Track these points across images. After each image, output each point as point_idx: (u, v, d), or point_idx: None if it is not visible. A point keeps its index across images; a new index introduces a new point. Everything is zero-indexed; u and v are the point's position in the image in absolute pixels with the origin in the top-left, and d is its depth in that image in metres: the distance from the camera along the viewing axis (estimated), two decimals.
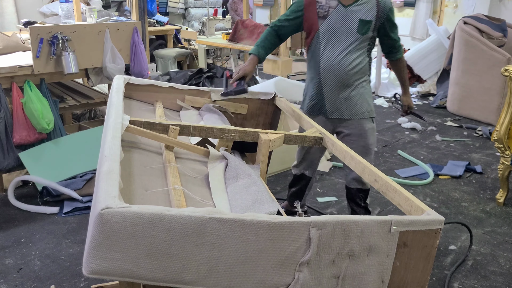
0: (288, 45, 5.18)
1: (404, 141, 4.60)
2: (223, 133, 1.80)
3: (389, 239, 1.21)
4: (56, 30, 3.18)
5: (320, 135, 1.86)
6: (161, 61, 6.40)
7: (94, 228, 1.01)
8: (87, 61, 3.42)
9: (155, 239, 1.03)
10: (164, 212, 1.04)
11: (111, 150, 1.30)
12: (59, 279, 2.34)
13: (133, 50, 3.64)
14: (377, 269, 1.23)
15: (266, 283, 1.14)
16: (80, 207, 3.03)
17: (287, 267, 1.15)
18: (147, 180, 1.51)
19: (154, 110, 2.13)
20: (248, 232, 1.10)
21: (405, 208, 1.34)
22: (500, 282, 2.42)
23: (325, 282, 1.20)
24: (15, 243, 2.65)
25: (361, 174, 1.57)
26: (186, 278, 1.08)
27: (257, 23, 5.95)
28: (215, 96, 2.25)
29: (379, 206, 3.22)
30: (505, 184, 3.26)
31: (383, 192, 1.45)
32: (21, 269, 2.43)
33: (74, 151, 3.26)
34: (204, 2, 8.08)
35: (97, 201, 1.04)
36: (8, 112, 3.03)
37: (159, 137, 1.70)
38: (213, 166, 1.75)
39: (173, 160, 1.65)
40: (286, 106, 2.21)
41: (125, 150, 1.59)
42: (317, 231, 1.15)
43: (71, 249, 2.61)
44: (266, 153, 1.80)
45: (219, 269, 1.09)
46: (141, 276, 1.05)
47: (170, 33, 6.87)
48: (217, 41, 6.21)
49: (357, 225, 1.18)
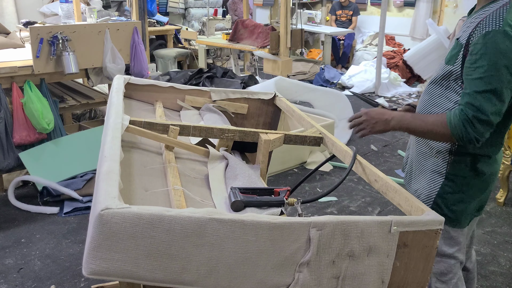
0: (288, 44, 5.18)
1: (404, 141, 4.60)
2: (223, 133, 1.79)
3: (389, 240, 1.21)
4: (56, 30, 3.18)
5: (320, 135, 1.86)
6: (161, 61, 6.40)
7: (94, 229, 1.01)
8: (87, 61, 3.42)
9: (155, 240, 1.03)
10: (164, 212, 1.04)
11: (111, 150, 1.30)
12: (59, 279, 2.34)
13: (133, 50, 3.64)
14: (377, 270, 1.23)
15: (266, 283, 1.14)
16: (80, 207, 3.03)
17: (287, 267, 1.15)
18: (147, 180, 1.51)
19: (154, 110, 2.13)
20: (248, 232, 1.10)
21: (405, 208, 1.34)
22: (500, 282, 2.42)
23: (325, 282, 1.20)
24: (15, 243, 2.65)
25: (361, 174, 1.57)
26: (186, 278, 1.08)
27: (257, 23, 5.95)
28: (215, 96, 2.25)
29: (379, 206, 3.22)
30: (505, 184, 3.26)
31: (383, 192, 1.45)
32: (21, 269, 2.43)
33: (74, 151, 3.27)
34: (204, 2, 8.08)
35: (97, 201, 1.04)
36: (8, 112, 3.03)
37: (159, 137, 1.69)
38: (213, 166, 1.75)
39: (173, 160, 1.65)
40: (286, 106, 2.21)
41: (125, 150, 1.59)
42: (317, 231, 1.14)
43: (71, 249, 2.61)
44: (266, 153, 1.80)
45: (219, 269, 1.09)
46: (141, 276, 1.04)
47: (170, 33, 6.87)
48: (217, 41, 6.21)
49: (357, 226, 1.18)
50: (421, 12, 7.94)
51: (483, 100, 1.34)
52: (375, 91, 6.48)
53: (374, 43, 8.09)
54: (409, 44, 8.04)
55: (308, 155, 4.03)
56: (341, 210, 3.16)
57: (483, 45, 1.33)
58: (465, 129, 1.37)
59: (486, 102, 1.34)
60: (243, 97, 2.28)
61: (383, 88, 6.48)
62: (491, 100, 1.34)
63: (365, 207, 3.20)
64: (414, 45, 7.34)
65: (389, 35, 8.22)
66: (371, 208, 3.18)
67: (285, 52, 5.20)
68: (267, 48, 5.26)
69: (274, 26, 5.55)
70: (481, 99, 1.35)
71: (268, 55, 5.27)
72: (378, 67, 6.45)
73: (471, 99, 1.36)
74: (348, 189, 3.46)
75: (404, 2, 8.26)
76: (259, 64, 6.39)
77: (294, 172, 3.83)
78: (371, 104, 2.36)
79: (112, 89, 1.92)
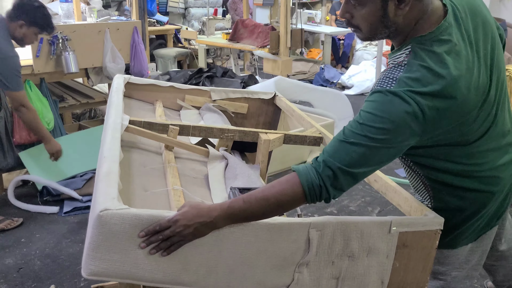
0: (288, 44, 5.18)
1: None
2: (223, 133, 1.79)
3: (388, 240, 1.21)
4: (56, 29, 3.18)
5: (320, 135, 1.86)
6: (161, 60, 6.39)
7: (93, 230, 1.01)
8: (87, 61, 3.41)
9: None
10: (163, 214, 1.04)
11: (110, 150, 1.30)
12: (59, 279, 2.34)
13: (133, 50, 3.64)
14: (376, 270, 1.23)
15: (265, 284, 1.14)
16: (80, 207, 3.03)
17: (286, 268, 1.15)
18: (147, 180, 1.51)
19: (154, 110, 2.13)
20: (247, 233, 1.10)
21: (405, 209, 1.34)
22: None
23: (325, 283, 1.20)
24: (15, 243, 2.65)
25: None
26: (185, 279, 1.08)
27: (257, 22, 5.96)
28: (215, 95, 2.25)
29: (378, 206, 3.22)
30: None
31: (382, 192, 1.45)
32: (21, 268, 2.43)
33: (73, 150, 3.26)
34: (204, 1, 8.08)
35: (96, 202, 1.04)
36: (9, 111, 3.03)
37: (159, 137, 1.69)
38: (213, 166, 1.75)
39: (172, 160, 1.65)
40: (286, 106, 2.21)
41: (125, 150, 1.59)
42: (317, 232, 1.15)
43: (71, 248, 2.61)
44: (266, 153, 1.80)
45: (218, 270, 1.09)
46: (140, 277, 1.05)
47: (170, 32, 6.86)
48: (217, 41, 6.21)
49: (356, 226, 1.18)
50: None
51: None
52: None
53: (374, 43, 8.08)
54: None
55: (308, 155, 4.03)
56: (341, 209, 3.16)
57: (372, 102, 1.11)
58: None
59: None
60: (243, 96, 2.28)
61: None
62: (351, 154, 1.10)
63: (364, 206, 3.20)
64: None
65: None
66: (370, 208, 3.18)
67: (285, 51, 5.20)
68: (267, 48, 5.26)
69: (274, 26, 5.55)
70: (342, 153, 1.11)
71: (268, 55, 5.27)
72: (378, 67, 6.43)
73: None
74: None
75: None
76: (259, 64, 6.39)
77: None
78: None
79: (112, 89, 1.92)
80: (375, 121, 1.08)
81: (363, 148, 1.08)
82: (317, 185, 1.08)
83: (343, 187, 1.11)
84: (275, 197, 1.09)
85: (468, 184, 1.26)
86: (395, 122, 1.07)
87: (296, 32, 5.29)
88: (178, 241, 1.06)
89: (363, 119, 1.10)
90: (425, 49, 1.12)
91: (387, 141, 1.08)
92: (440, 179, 1.28)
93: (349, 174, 1.09)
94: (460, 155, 1.23)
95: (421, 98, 1.06)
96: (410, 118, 1.07)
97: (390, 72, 1.14)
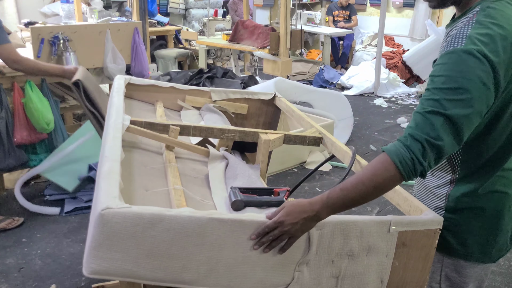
0: (288, 45, 5.19)
1: None
2: (223, 133, 1.80)
3: (388, 239, 1.21)
4: (57, 30, 3.19)
5: (319, 135, 1.86)
6: (162, 61, 6.40)
7: (94, 229, 1.01)
8: (88, 61, 3.42)
9: (155, 239, 1.04)
10: (164, 212, 1.05)
11: (111, 150, 1.31)
12: (60, 278, 2.35)
13: (133, 51, 3.65)
14: (376, 269, 1.24)
15: (265, 282, 1.15)
16: (81, 207, 3.04)
17: (287, 267, 1.16)
18: (148, 180, 1.52)
19: (155, 110, 2.13)
20: (248, 232, 1.10)
21: (404, 208, 1.35)
22: (499, 282, 2.43)
23: (324, 282, 1.20)
24: (16, 243, 2.66)
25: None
26: (186, 278, 1.08)
27: (257, 23, 5.96)
28: (216, 96, 2.26)
29: (378, 205, 3.23)
30: None
31: None
32: (22, 268, 2.43)
33: (81, 150, 3.25)
34: (204, 2, 8.09)
35: (98, 201, 1.05)
36: (9, 111, 3.04)
37: (160, 137, 1.70)
38: (213, 166, 1.75)
39: (173, 160, 1.66)
40: (286, 106, 2.21)
41: (126, 150, 1.59)
42: (317, 231, 1.15)
43: (72, 248, 2.61)
44: (266, 153, 1.81)
45: (218, 269, 1.10)
46: (141, 276, 1.05)
47: (170, 33, 6.88)
48: (218, 42, 6.22)
49: (356, 225, 1.18)
50: (420, 12, 7.95)
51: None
52: (374, 91, 6.49)
53: (373, 43, 8.10)
54: (408, 44, 8.05)
55: (307, 155, 4.04)
56: None
57: (442, 65, 1.11)
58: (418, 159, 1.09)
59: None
60: (243, 97, 2.28)
61: (382, 88, 6.50)
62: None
63: (364, 206, 3.20)
64: (413, 46, 7.35)
65: (388, 35, 8.23)
66: (370, 208, 3.19)
67: (285, 52, 5.21)
68: (267, 49, 5.27)
69: (274, 27, 5.56)
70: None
71: (268, 56, 5.28)
72: (378, 68, 6.46)
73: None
74: None
75: (403, 3, 8.27)
76: (259, 65, 6.40)
77: (293, 172, 3.84)
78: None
79: (113, 89, 1.93)
80: (449, 82, 1.06)
81: (442, 117, 1.06)
82: (409, 158, 1.07)
83: (436, 158, 1.08)
84: (370, 179, 1.09)
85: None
86: (472, 81, 1.05)
87: (296, 33, 5.30)
88: (288, 239, 1.12)
89: (435, 83, 1.08)
90: (494, 8, 1.13)
91: (467, 102, 1.06)
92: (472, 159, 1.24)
93: (434, 146, 1.07)
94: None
95: (492, 55, 1.06)
96: (485, 75, 1.06)
97: (458, 32, 1.13)
